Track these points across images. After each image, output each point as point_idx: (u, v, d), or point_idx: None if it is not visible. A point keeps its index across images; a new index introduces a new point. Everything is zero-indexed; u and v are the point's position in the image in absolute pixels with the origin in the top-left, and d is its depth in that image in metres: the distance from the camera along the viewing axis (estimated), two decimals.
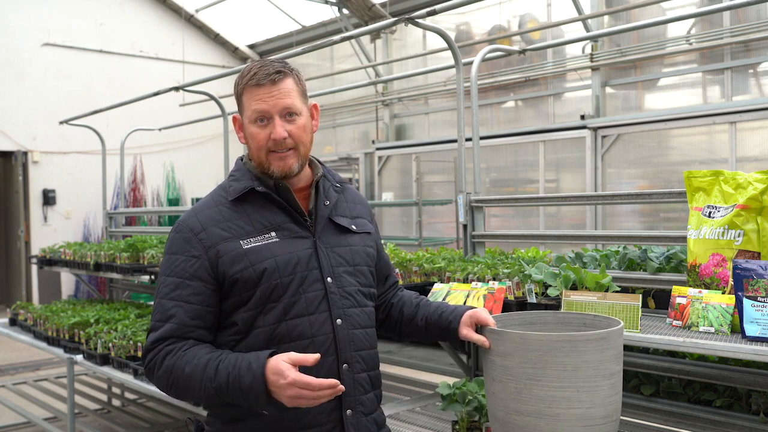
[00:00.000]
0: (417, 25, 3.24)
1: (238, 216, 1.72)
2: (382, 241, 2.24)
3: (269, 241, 1.71)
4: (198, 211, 1.75)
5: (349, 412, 1.72)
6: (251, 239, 1.70)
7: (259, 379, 1.52)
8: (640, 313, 2.09)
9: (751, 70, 6.87)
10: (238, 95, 1.76)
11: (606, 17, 7.78)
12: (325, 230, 1.78)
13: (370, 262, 1.86)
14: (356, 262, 1.81)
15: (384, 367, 2.41)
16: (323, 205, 1.80)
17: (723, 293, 2.10)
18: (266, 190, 1.74)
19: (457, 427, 2.52)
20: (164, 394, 1.93)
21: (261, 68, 1.71)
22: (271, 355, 1.56)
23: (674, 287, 2.20)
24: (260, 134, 1.72)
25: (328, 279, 1.73)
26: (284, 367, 1.51)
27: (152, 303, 5.79)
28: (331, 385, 1.51)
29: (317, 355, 1.55)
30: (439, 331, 1.88)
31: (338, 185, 1.87)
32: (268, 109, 1.70)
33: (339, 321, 1.72)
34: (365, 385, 1.76)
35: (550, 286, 2.45)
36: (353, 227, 1.84)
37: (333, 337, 1.70)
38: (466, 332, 1.79)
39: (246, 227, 1.71)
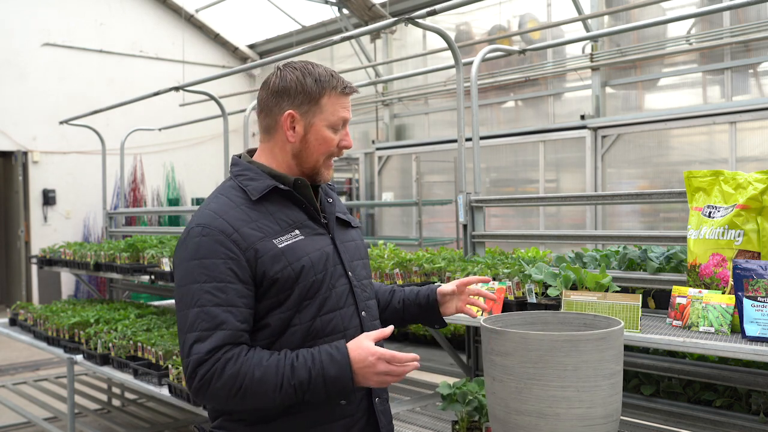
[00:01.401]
0: (417, 25, 3.24)
1: (263, 216, 1.70)
2: (382, 242, 2.27)
3: (297, 239, 1.70)
4: (221, 212, 1.68)
5: (377, 399, 1.77)
6: (282, 238, 1.69)
7: (345, 368, 1.56)
8: (640, 313, 2.09)
9: (751, 70, 6.87)
10: (317, 96, 1.73)
11: (606, 17, 7.78)
12: (335, 226, 1.82)
13: (366, 255, 1.94)
14: (362, 255, 1.88)
15: None
16: (327, 202, 1.84)
17: (723, 293, 2.10)
18: (287, 188, 1.75)
19: (457, 427, 2.52)
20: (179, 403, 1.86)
21: (341, 79, 1.77)
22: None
23: (674, 287, 2.20)
24: (334, 140, 1.76)
25: (350, 273, 1.77)
26: (367, 345, 1.59)
27: (152, 303, 5.80)
28: (415, 358, 1.60)
29: (391, 327, 1.66)
30: (417, 310, 1.98)
31: (331, 184, 1.92)
32: (349, 119, 1.78)
33: (364, 313, 1.77)
34: None
35: (550, 286, 2.45)
36: (351, 222, 1.90)
37: (361, 328, 1.75)
38: (463, 306, 1.94)
39: (273, 226, 1.69)
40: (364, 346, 1.59)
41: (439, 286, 1.99)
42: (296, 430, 1.66)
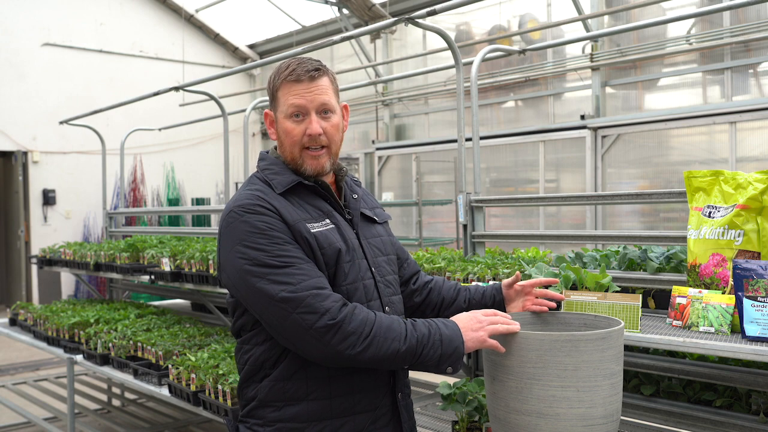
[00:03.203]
0: (417, 25, 3.24)
1: (292, 205, 1.70)
2: None
3: (328, 227, 1.71)
4: (257, 196, 1.68)
5: (400, 395, 1.78)
6: (315, 224, 1.69)
7: (457, 331, 1.64)
8: (640, 313, 2.09)
9: (751, 70, 6.87)
10: (274, 90, 1.75)
11: (606, 17, 7.78)
12: (360, 222, 1.82)
13: (395, 251, 1.93)
14: (388, 251, 1.87)
15: None
16: (352, 198, 1.84)
17: (723, 293, 2.10)
18: (312, 183, 1.75)
19: (457, 427, 2.52)
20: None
21: (300, 64, 1.72)
22: None
23: (674, 287, 2.20)
24: (295, 129, 1.72)
25: (373, 269, 1.77)
26: (466, 313, 1.72)
27: (152, 303, 5.80)
28: (505, 315, 1.72)
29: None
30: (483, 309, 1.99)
31: (356, 180, 1.93)
32: (306, 105, 1.70)
33: (387, 309, 1.78)
34: (406, 370, 1.81)
35: (550, 286, 2.45)
36: (376, 218, 1.90)
37: None
38: (531, 305, 1.96)
39: (304, 214, 1.70)
40: (461, 314, 1.71)
41: (500, 286, 2.01)
42: (320, 418, 1.67)
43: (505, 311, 1.95)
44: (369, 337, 1.57)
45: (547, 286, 2.06)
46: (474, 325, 1.65)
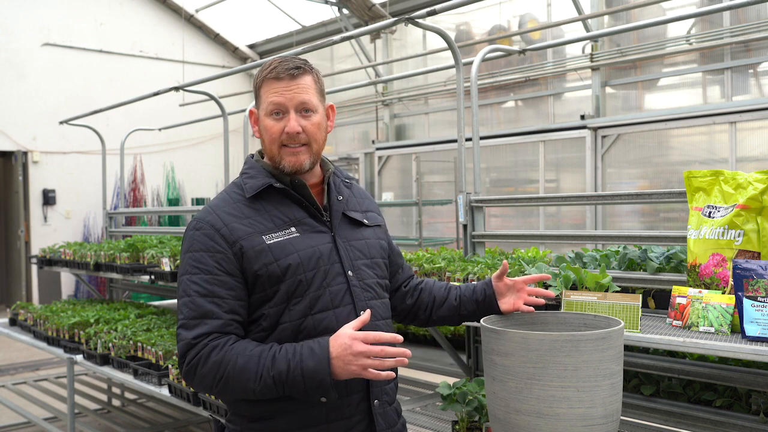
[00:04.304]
0: (417, 25, 3.23)
1: (257, 213, 1.72)
2: None
3: (290, 236, 1.71)
4: (216, 207, 1.73)
5: (376, 402, 1.75)
6: (273, 234, 1.70)
7: (324, 361, 1.55)
8: (640, 313, 2.09)
9: (751, 70, 6.87)
10: (257, 88, 1.77)
11: (606, 17, 7.78)
12: (341, 225, 1.81)
13: (383, 254, 1.90)
14: (372, 254, 1.84)
15: None
16: (336, 200, 1.82)
17: (723, 293, 2.10)
18: (284, 186, 1.75)
19: (457, 427, 2.52)
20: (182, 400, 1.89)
21: (281, 63, 1.73)
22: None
23: (674, 287, 2.20)
24: (274, 127, 1.73)
25: (349, 272, 1.75)
26: (344, 331, 1.58)
27: (152, 303, 5.80)
28: (394, 339, 1.57)
29: (368, 313, 1.64)
30: (475, 307, 1.94)
31: (347, 181, 1.91)
32: (285, 102, 1.71)
33: (362, 314, 1.74)
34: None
35: (550, 286, 2.45)
36: (365, 221, 1.88)
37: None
38: (522, 304, 1.92)
39: (266, 223, 1.71)
40: (342, 333, 1.58)
41: (490, 280, 1.96)
42: (291, 429, 1.67)
43: (497, 305, 1.92)
44: (222, 380, 1.59)
45: (545, 285, 2.06)
46: (346, 357, 1.54)
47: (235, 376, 1.57)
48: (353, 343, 1.55)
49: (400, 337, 1.58)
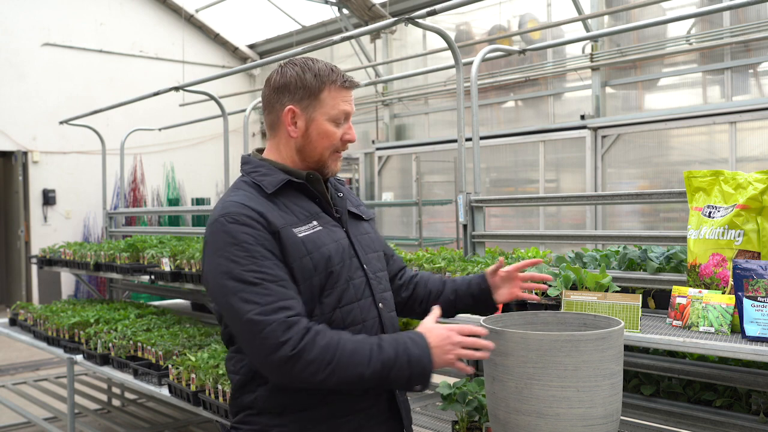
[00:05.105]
0: (417, 25, 3.24)
1: (279, 208, 1.70)
2: None
3: (315, 230, 1.71)
4: (244, 200, 1.67)
5: (397, 391, 1.79)
6: (301, 228, 1.69)
7: (426, 350, 1.59)
8: (640, 313, 2.09)
9: (751, 70, 6.87)
10: (315, 91, 1.74)
11: (606, 17, 7.78)
12: (348, 220, 1.84)
13: (381, 247, 1.95)
14: (376, 248, 1.89)
15: None
16: (338, 197, 1.85)
17: (723, 293, 2.10)
18: (302, 181, 1.76)
19: (457, 427, 2.52)
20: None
21: (341, 73, 1.78)
22: None
23: (674, 287, 2.20)
24: (336, 133, 1.77)
25: (365, 266, 1.78)
26: (437, 325, 1.65)
27: (152, 303, 5.80)
28: (482, 333, 1.67)
29: (437, 308, 1.75)
30: (471, 300, 1.99)
31: (340, 180, 1.94)
32: (351, 112, 1.79)
33: (381, 305, 1.79)
34: None
35: (550, 286, 2.45)
36: (363, 215, 1.92)
37: (379, 320, 1.76)
38: (519, 291, 1.97)
39: (291, 217, 1.70)
40: (436, 327, 1.64)
41: (484, 274, 2.00)
42: (319, 420, 1.67)
43: (492, 299, 1.97)
44: (332, 363, 1.54)
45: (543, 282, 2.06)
46: (446, 347, 1.60)
47: (346, 360, 1.55)
48: (451, 334, 1.62)
49: (485, 332, 1.68)
